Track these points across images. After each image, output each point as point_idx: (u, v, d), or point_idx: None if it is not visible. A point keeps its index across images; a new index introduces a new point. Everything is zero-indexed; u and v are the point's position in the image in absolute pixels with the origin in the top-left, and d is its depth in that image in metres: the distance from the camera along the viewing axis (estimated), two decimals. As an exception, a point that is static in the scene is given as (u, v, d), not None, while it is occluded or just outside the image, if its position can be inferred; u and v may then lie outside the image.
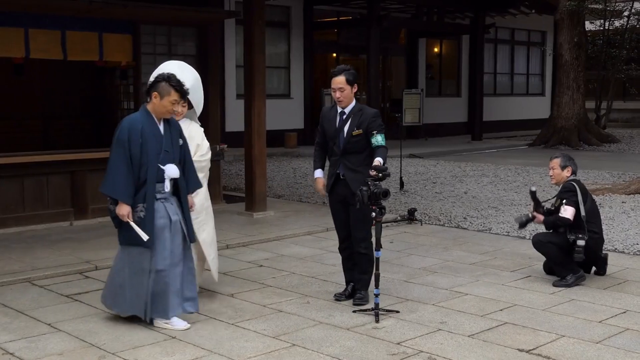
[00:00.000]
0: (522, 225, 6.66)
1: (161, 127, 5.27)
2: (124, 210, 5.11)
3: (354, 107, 5.78)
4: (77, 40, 9.02)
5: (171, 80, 5.24)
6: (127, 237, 5.24)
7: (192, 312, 5.36)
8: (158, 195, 5.20)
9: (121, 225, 5.25)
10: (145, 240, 5.12)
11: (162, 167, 5.20)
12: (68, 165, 8.90)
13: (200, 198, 5.79)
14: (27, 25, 8.58)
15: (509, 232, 8.69)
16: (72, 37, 8.97)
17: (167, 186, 5.24)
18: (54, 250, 7.52)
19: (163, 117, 5.27)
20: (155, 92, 5.22)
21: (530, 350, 4.79)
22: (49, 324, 5.32)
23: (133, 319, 5.39)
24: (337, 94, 5.72)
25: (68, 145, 10.30)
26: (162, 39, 10.15)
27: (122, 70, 10.28)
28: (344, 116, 5.78)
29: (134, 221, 5.13)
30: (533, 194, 6.74)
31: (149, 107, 5.27)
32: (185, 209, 5.35)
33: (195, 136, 5.83)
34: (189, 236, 5.37)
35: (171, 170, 5.24)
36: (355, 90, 5.77)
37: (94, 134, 11.42)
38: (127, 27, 9.54)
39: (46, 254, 7.34)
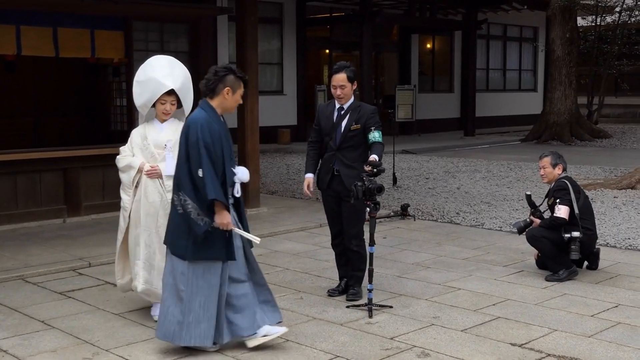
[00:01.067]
0: (521, 230, 6.69)
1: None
2: (225, 217, 4.55)
3: (352, 103, 5.83)
4: (68, 37, 9.00)
5: (236, 71, 4.77)
6: (203, 251, 4.60)
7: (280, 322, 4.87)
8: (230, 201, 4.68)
9: (201, 240, 4.58)
10: (257, 242, 4.76)
11: (233, 170, 4.73)
12: (61, 162, 8.88)
13: None
14: (18, 22, 8.56)
15: (501, 227, 8.72)
16: (63, 34, 8.95)
17: (238, 190, 4.74)
18: (47, 248, 7.51)
19: (228, 112, 4.84)
20: (228, 87, 4.70)
21: (523, 344, 4.81)
22: (42, 321, 5.32)
23: (129, 316, 5.40)
24: (338, 92, 5.75)
25: (60, 143, 10.27)
26: (154, 36, 10.14)
27: (114, 67, 10.26)
28: (342, 111, 5.81)
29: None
30: (528, 198, 6.78)
31: (215, 103, 4.73)
32: (243, 215, 4.86)
33: None
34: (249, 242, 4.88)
35: (243, 174, 4.79)
36: (355, 87, 5.80)
37: (86, 131, 11.39)
38: (119, 24, 9.53)
39: (39, 251, 7.33)
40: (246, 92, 9.83)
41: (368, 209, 5.39)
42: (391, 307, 5.59)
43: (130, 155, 5.41)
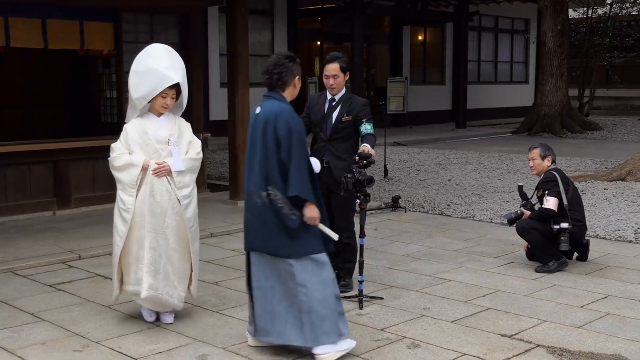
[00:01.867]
0: (512, 222, 6.70)
1: None
2: (315, 212, 4.41)
3: (343, 94, 5.83)
4: (57, 28, 8.94)
5: (295, 57, 4.65)
6: (304, 246, 4.43)
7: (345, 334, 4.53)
8: None
9: (297, 235, 4.41)
10: (335, 239, 4.57)
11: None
12: (50, 154, 8.84)
13: (195, 205, 5.19)
14: (6, 13, 8.49)
15: (492, 219, 8.74)
16: (52, 26, 8.89)
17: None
18: (37, 240, 7.48)
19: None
20: (297, 76, 4.58)
21: (513, 335, 4.83)
22: (32, 314, 5.30)
23: (119, 308, 5.39)
24: (331, 81, 5.75)
25: (50, 135, 10.22)
26: (144, 27, 10.08)
27: (104, 59, 10.20)
28: (334, 103, 5.81)
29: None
30: (520, 189, 6.79)
31: (286, 94, 4.58)
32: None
33: (185, 132, 5.19)
34: None
35: (316, 165, 4.68)
36: (347, 78, 5.81)
37: (76, 123, 11.33)
38: (108, 15, 9.47)
39: (29, 244, 7.30)
40: (237, 84, 9.82)
41: (358, 201, 5.39)
42: (382, 298, 5.60)
43: (127, 153, 4.99)
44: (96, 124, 10.63)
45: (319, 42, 21.67)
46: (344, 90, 5.85)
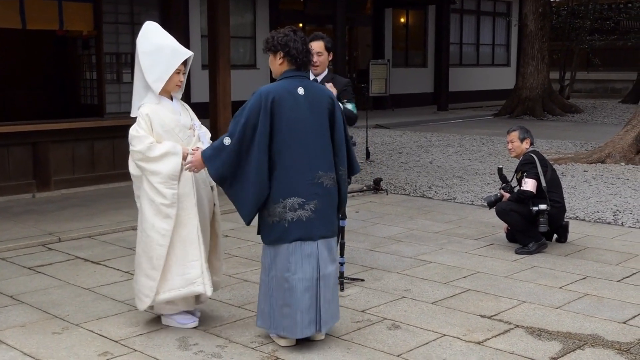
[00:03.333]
0: (491, 204, 6.72)
1: None
2: None
3: (326, 75, 5.81)
4: (35, 8, 8.84)
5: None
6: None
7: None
8: None
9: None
10: None
11: None
12: (29, 136, 8.75)
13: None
14: (-17, -7, 8.39)
15: (473, 201, 8.78)
16: (30, 5, 8.79)
17: None
18: (16, 223, 7.42)
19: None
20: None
21: (492, 316, 4.87)
22: (11, 296, 5.27)
23: (99, 291, 5.37)
24: (315, 58, 5.72)
25: (29, 117, 10.11)
26: (124, 8, 9.99)
27: (83, 39, 10.10)
28: (316, 82, 5.79)
29: None
30: (500, 172, 6.83)
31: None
32: None
33: (194, 114, 4.84)
34: None
35: None
36: (330, 58, 5.79)
37: (55, 105, 11.23)
38: (88, -4, 9.38)
39: (8, 226, 7.24)
40: (218, 66, 9.75)
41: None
42: (363, 280, 5.62)
43: (156, 141, 4.47)
44: (76, 106, 10.54)
45: (301, 24, 21.55)
46: (326, 71, 5.84)
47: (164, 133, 4.49)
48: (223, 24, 9.39)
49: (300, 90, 4.24)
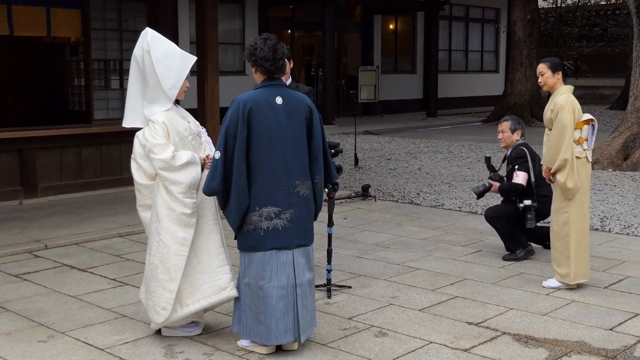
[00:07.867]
0: (480, 194, 6.67)
1: None
2: None
3: (290, 83, 5.83)
4: (23, 15, 8.83)
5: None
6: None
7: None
8: None
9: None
10: None
11: None
12: (17, 143, 8.72)
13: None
14: (-30, -1, 8.37)
15: (461, 208, 8.80)
16: (18, 12, 8.78)
17: None
18: (2, 230, 7.38)
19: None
20: (286, 60, 4.56)
21: (479, 323, 4.87)
22: (-3, 304, 5.24)
23: (85, 299, 5.34)
24: None
25: (16, 123, 10.09)
26: (112, 14, 9.99)
27: (71, 46, 10.09)
28: (296, 91, 5.79)
29: None
30: (488, 161, 6.81)
31: (284, 79, 4.66)
32: None
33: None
34: None
35: None
36: (291, 66, 5.80)
37: (43, 111, 11.20)
38: (75, 2, 9.37)
39: (-6, 234, 7.21)
40: (206, 72, 9.74)
41: (326, 190, 5.38)
42: (350, 287, 5.61)
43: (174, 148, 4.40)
44: (64, 112, 10.51)
45: (289, 31, 21.58)
46: (290, 79, 5.87)
47: (179, 141, 4.44)
48: (211, 30, 9.38)
49: (279, 100, 4.26)
